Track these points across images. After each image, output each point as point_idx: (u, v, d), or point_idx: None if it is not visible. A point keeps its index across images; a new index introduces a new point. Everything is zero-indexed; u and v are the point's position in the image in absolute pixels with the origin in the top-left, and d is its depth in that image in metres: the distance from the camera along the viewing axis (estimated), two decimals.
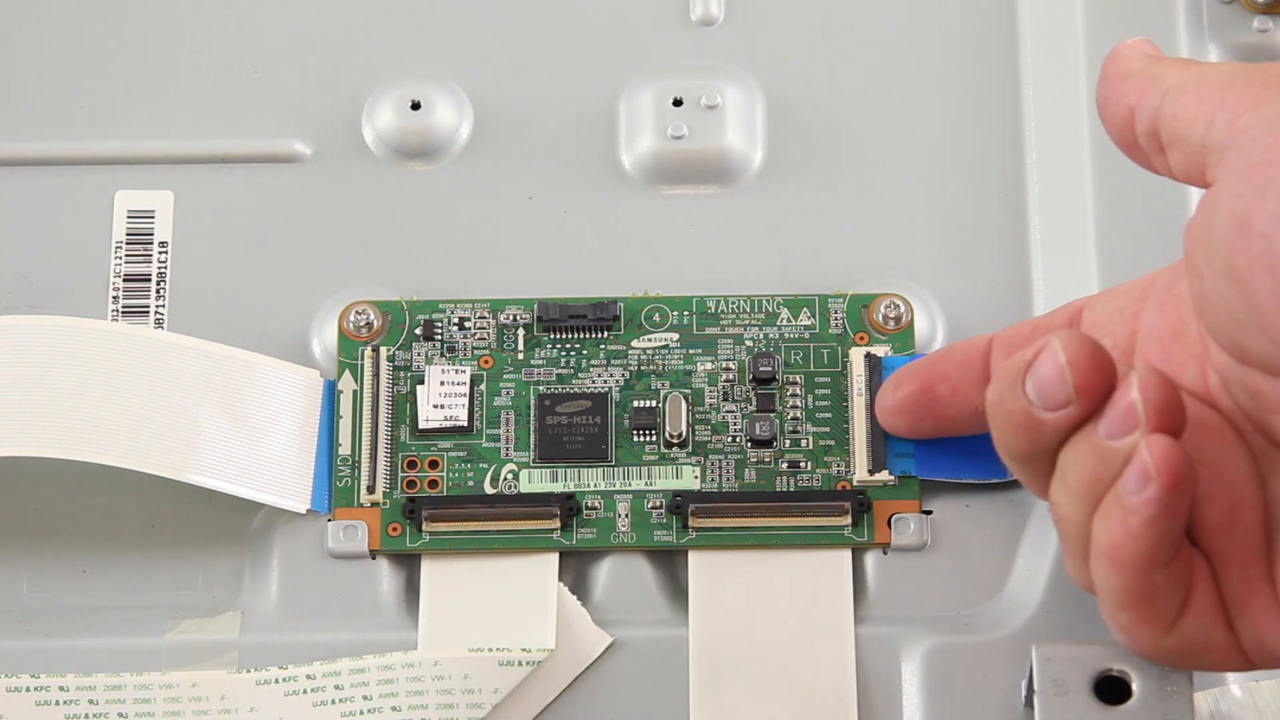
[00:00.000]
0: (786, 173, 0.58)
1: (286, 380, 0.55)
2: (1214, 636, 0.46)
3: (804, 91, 0.59)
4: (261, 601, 0.54)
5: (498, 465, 0.54)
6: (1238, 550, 0.46)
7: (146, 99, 0.59)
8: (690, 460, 0.54)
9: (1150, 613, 0.46)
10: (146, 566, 0.54)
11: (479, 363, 0.55)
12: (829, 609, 0.53)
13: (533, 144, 0.58)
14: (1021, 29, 0.59)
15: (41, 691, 0.52)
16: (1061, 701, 0.48)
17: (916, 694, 0.52)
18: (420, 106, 0.58)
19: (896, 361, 0.54)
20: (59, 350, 0.54)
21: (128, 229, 0.57)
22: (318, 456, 0.55)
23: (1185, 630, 0.46)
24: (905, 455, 0.53)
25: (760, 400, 0.55)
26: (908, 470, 0.53)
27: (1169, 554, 0.45)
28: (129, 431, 0.53)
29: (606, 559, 0.54)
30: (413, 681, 0.52)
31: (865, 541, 0.54)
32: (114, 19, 0.60)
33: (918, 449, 0.53)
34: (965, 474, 0.53)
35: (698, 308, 0.56)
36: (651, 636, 0.53)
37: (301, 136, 0.59)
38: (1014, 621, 0.53)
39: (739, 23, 0.60)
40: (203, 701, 0.52)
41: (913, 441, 0.53)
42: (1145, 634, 0.46)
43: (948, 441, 0.53)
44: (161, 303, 0.57)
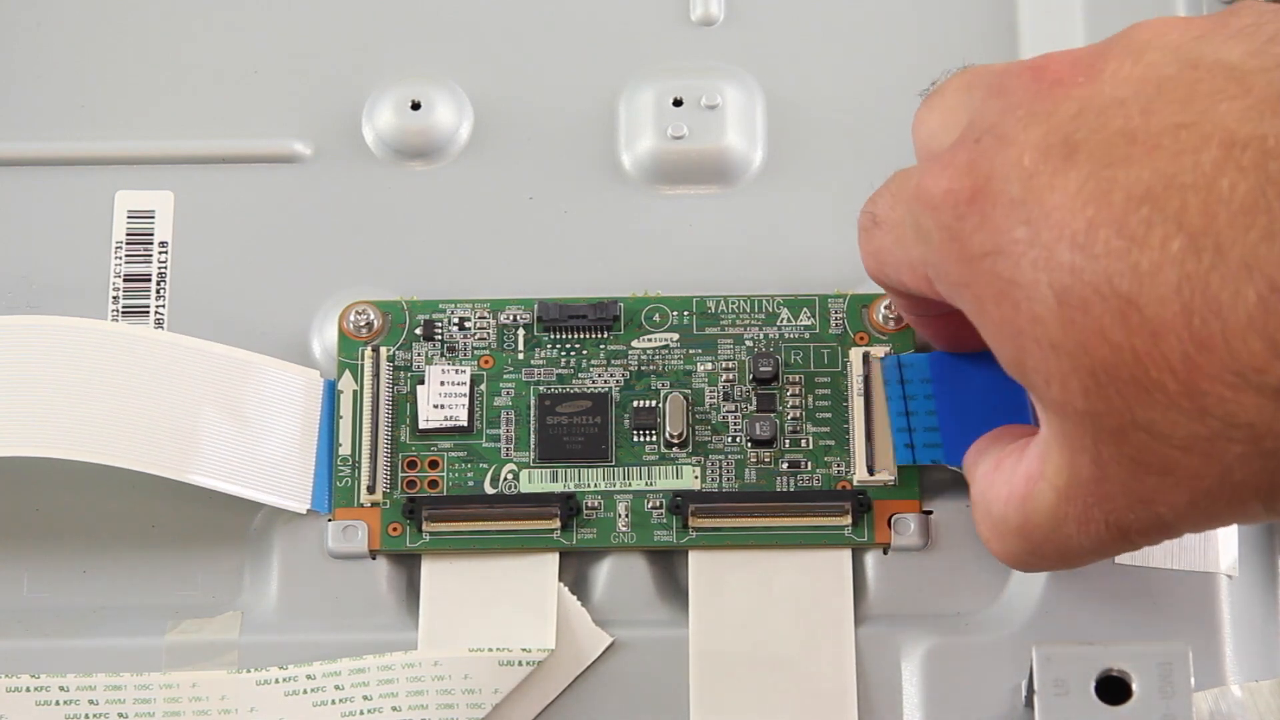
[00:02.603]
0: (786, 173, 0.58)
1: (286, 380, 0.55)
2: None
3: (804, 91, 0.59)
4: (261, 601, 0.54)
5: (498, 465, 0.54)
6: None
7: (146, 99, 0.59)
8: (690, 460, 0.54)
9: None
10: (146, 566, 0.54)
11: (479, 363, 0.55)
12: (829, 609, 0.53)
13: (533, 144, 0.58)
14: (1021, 29, 0.59)
15: (41, 691, 0.52)
16: (1061, 701, 0.48)
17: (916, 694, 0.52)
18: (420, 106, 0.58)
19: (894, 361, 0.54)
20: (59, 350, 0.54)
21: (128, 229, 0.57)
22: (318, 456, 0.55)
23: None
24: (933, 445, 0.53)
25: (760, 400, 0.55)
26: (937, 459, 0.53)
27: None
28: (129, 431, 0.53)
29: (606, 559, 0.54)
30: (413, 681, 0.52)
31: (865, 541, 0.54)
32: (114, 19, 0.60)
33: (945, 435, 0.53)
34: None
35: (698, 308, 0.56)
36: (651, 636, 0.53)
37: (301, 136, 0.59)
38: (1014, 621, 0.53)
39: (739, 23, 0.60)
40: (203, 701, 0.52)
41: (939, 430, 0.53)
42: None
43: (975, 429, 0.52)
44: (161, 303, 0.57)
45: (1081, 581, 0.53)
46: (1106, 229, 0.41)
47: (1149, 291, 0.40)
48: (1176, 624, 0.53)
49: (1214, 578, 0.53)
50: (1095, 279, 0.41)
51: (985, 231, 0.43)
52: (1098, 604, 0.53)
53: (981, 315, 0.44)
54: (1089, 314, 0.41)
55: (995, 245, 0.43)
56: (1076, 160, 0.42)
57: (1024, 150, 0.43)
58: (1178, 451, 0.42)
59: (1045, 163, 0.42)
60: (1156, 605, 0.53)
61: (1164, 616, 0.53)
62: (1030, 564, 0.47)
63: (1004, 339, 0.43)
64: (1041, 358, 0.42)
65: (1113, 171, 0.41)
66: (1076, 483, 0.44)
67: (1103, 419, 0.42)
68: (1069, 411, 0.43)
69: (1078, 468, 0.44)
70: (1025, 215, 0.42)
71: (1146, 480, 0.43)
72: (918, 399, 0.53)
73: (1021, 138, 0.43)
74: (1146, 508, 0.43)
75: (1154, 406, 0.41)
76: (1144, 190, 0.41)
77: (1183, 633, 0.52)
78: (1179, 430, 0.41)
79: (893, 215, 0.46)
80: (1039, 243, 0.42)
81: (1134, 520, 0.44)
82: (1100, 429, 0.42)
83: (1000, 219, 0.43)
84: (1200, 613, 0.53)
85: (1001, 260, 0.42)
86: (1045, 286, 0.42)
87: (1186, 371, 0.41)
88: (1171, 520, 0.44)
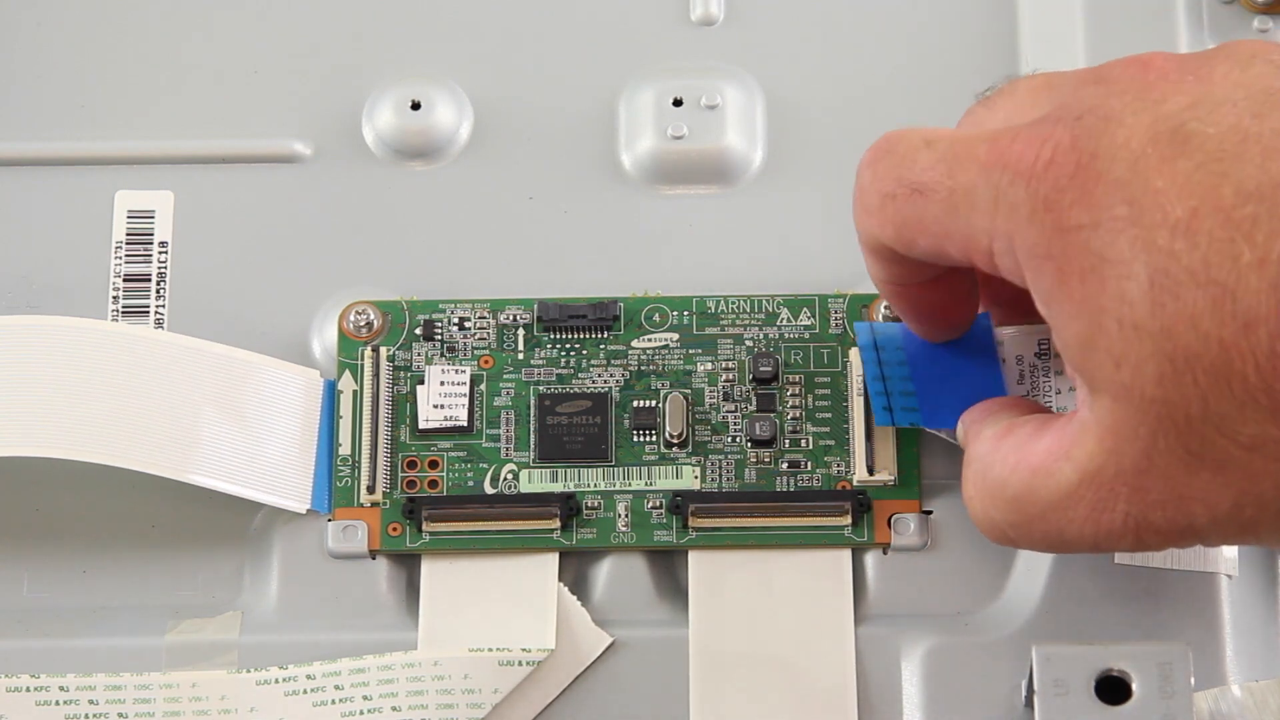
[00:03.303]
0: (786, 173, 0.58)
1: (286, 380, 0.55)
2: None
3: (804, 91, 0.59)
4: (261, 601, 0.54)
5: (498, 465, 0.54)
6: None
7: (146, 99, 0.59)
8: (690, 460, 0.54)
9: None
10: (146, 566, 0.54)
11: (479, 363, 0.55)
12: (829, 609, 0.53)
13: (533, 144, 0.58)
14: (1021, 29, 0.59)
15: (41, 691, 0.52)
16: (1061, 701, 0.48)
17: (916, 694, 0.52)
18: (420, 106, 0.58)
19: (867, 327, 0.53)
20: (59, 350, 0.54)
21: (128, 229, 0.57)
22: (318, 456, 0.55)
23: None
24: (910, 409, 0.53)
25: (760, 400, 0.55)
26: (915, 422, 0.53)
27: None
28: (129, 431, 0.53)
29: (606, 559, 0.54)
30: (413, 681, 0.52)
31: (865, 541, 0.54)
32: (114, 19, 0.60)
33: (921, 400, 0.53)
34: None
35: (698, 308, 0.56)
36: (651, 636, 0.53)
37: (301, 136, 0.59)
38: (1014, 621, 0.53)
39: (739, 23, 0.60)
40: (203, 701, 0.52)
41: (916, 394, 0.53)
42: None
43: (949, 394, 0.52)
44: (161, 303, 0.57)
45: (1081, 581, 0.53)
46: (1212, 219, 0.41)
47: (1247, 284, 0.41)
48: (1176, 624, 0.53)
49: (1214, 578, 0.53)
50: (1193, 265, 0.41)
51: (1084, 206, 0.43)
52: (1098, 604, 0.53)
53: (1060, 289, 0.43)
54: (1180, 299, 0.42)
55: (1093, 219, 0.43)
56: (1188, 150, 0.42)
57: (1133, 133, 0.43)
58: (1241, 450, 0.42)
59: (1154, 147, 0.42)
60: (1156, 605, 0.53)
61: (1164, 616, 0.53)
62: (1010, 536, 0.47)
63: (1079, 315, 0.43)
64: (1119, 338, 0.42)
65: (1224, 166, 0.42)
66: (1112, 470, 0.44)
67: (1172, 408, 0.42)
68: (1134, 396, 0.43)
69: (1121, 455, 0.44)
70: (1128, 195, 0.42)
71: (1198, 476, 0.43)
72: (891, 365, 0.53)
73: (1130, 120, 0.43)
74: (1182, 506, 0.43)
75: (1230, 400, 0.42)
76: (1254, 187, 0.41)
77: (1183, 633, 0.52)
78: (1249, 427, 0.42)
79: (949, 182, 0.45)
80: (1140, 223, 0.42)
81: (1159, 519, 0.44)
82: (1165, 418, 0.42)
83: (1102, 195, 0.43)
84: (1200, 613, 0.53)
85: (1097, 235, 0.43)
86: (1140, 266, 0.42)
87: (1270, 366, 0.41)
88: (1202, 525, 0.44)
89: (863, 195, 0.47)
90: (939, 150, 0.46)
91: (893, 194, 0.47)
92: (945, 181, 0.45)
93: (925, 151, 0.46)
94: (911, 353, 0.53)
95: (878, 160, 0.47)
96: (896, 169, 0.46)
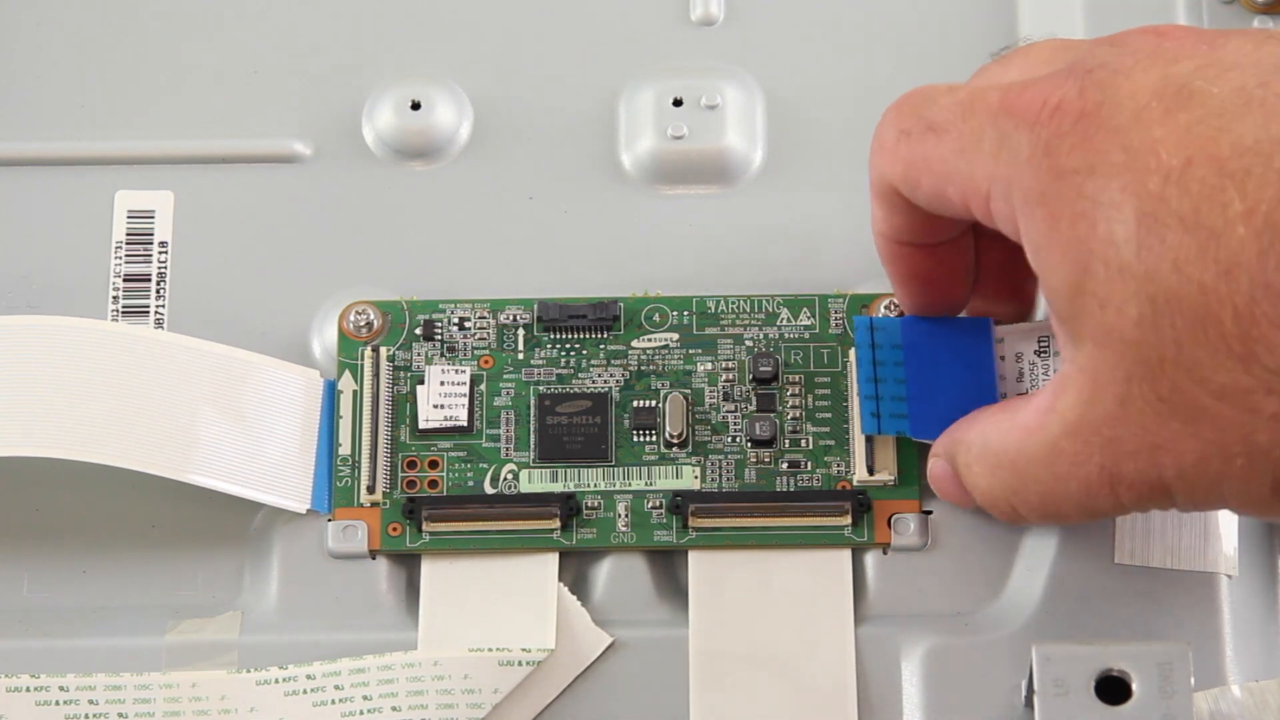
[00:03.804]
0: (786, 173, 0.58)
1: (286, 380, 0.55)
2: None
3: (804, 91, 0.59)
4: (261, 601, 0.54)
5: (498, 465, 0.54)
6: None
7: (146, 99, 0.59)
8: (690, 460, 0.54)
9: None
10: (146, 566, 0.54)
11: (479, 363, 0.55)
12: (829, 609, 0.53)
13: (533, 144, 0.58)
14: (1022, 29, 0.59)
15: (41, 691, 0.52)
16: (1061, 701, 0.48)
17: (916, 694, 0.52)
18: (420, 106, 0.58)
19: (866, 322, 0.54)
20: (59, 350, 0.54)
21: (128, 229, 0.57)
22: (318, 456, 0.55)
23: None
24: (899, 416, 0.53)
25: (760, 400, 0.55)
26: (902, 431, 0.53)
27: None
28: (129, 431, 0.53)
29: (606, 559, 0.54)
30: (413, 681, 0.52)
31: (865, 541, 0.54)
32: (114, 19, 0.60)
33: (911, 409, 0.53)
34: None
35: (698, 308, 0.56)
36: (651, 636, 0.53)
37: (301, 136, 0.59)
38: (1014, 621, 0.53)
39: (739, 23, 0.60)
40: (203, 701, 0.52)
41: (906, 401, 0.53)
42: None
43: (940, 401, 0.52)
44: (161, 303, 0.57)
45: (1081, 581, 0.53)
46: (1205, 168, 0.42)
47: (1233, 231, 0.42)
48: (1176, 624, 0.53)
49: (1214, 578, 0.53)
50: (1183, 210, 0.42)
51: (1082, 150, 0.44)
52: (1098, 604, 0.53)
53: (1051, 233, 0.44)
54: (1166, 242, 0.42)
55: (1089, 163, 0.43)
56: (1190, 105, 0.43)
57: (1139, 86, 0.44)
58: (1211, 398, 0.43)
59: (1158, 101, 0.43)
60: (1156, 605, 0.53)
61: (1164, 616, 0.53)
62: (1011, 505, 0.48)
63: (1069, 258, 0.44)
64: (1104, 280, 0.43)
65: (1224, 122, 0.42)
66: (1089, 419, 0.45)
67: (1148, 350, 0.43)
68: (1113, 339, 0.43)
69: (1096, 403, 0.44)
70: (1126, 142, 0.43)
71: (1168, 425, 0.43)
72: (887, 365, 0.53)
73: (1139, 75, 0.44)
74: (1152, 458, 0.44)
75: (1204, 345, 0.42)
76: (1252, 142, 0.42)
77: (1183, 633, 0.52)
78: (1220, 375, 0.42)
79: (962, 125, 0.46)
80: (1134, 168, 0.43)
81: (1131, 471, 0.45)
82: (1140, 361, 0.43)
83: (1101, 141, 0.44)
84: (1200, 613, 0.53)
85: (1091, 180, 0.43)
86: (1130, 210, 0.43)
87: (1248, 312, 0.42)
88: (1170, 479, 0.44)
89: (881, 134, 0.49)
90: (958, 95, 0.47)
91: (909, 130, 0.48)
92: (958, 123, 0.46)
93: (946, 95, 0.47)
94: (909, 353, 0.53)
95: (903, 101, 0.48)
96: (917, 107, 0.48)
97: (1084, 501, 0.46)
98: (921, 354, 0.53)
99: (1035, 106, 0.45)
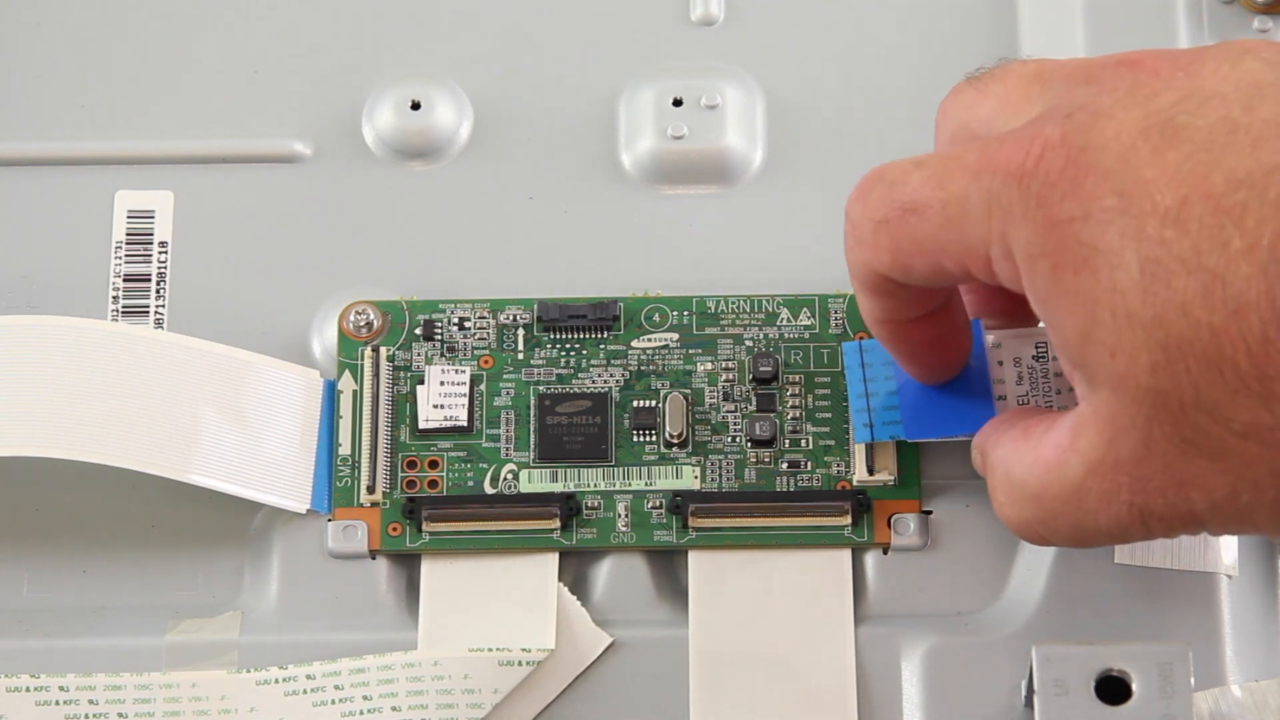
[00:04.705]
0: (786, 173, 0.58)
1: (286, 380, 0.55)
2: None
3: (804, 91, 0.59)
4: (261, 601, 0.54)
5: (498, 465, 0.54)
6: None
7: (146, 99, 0.59)
8: (690, 460, 0.54)
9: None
10: (146, 566, 0.54)
11: (479, 363, 0.55)
12: (829, 609, 0.53)
13: (533, 144, 0.58)
14: (1022, 29, 0.59)
15: (41, 691, 0.52)
16: (1061, 701, 0.48)
17: (916, 694, 0.52)
18: (420, 106, 0.58)
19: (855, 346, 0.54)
20: (59, 350, 0.54)
21: (128, 229, 0.57)
22: (318, 456, 0.55)
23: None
24: (893, 423, 0.53)
25: (760, 400, 0.55)
26: (897, 435, 0.53)
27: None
28: (129, 431, 0.53)
29: (606, 559, 0.54)
30: (413, 681, 0.52)
31: (865, 541, 0.54)
32: (114, 19, 0.60)
33: (904, 412, 0.53)
34: (955, 431, 0.53)
35: (698, 308, 0.56)
36: (651, 636, 0.53)
37: (301, 136, 0.59)
38: (1014, 621, 0.53)
39: (739, 23, 0.60)
40: (203, 701, 0.52)
41: (898, 406, 0.53)
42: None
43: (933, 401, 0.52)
44: (161, 303, 0.57)
45: (1081, 581, 0.53)
46: (1201, 206, 0.42)
47: (1237, 269, 0.41)
48: (1176, 624, 0.53)
49: (1214, 578, 0.53)
50: (1183, 252, 0.42)
51: (1075, 199, 0.43)
52: (1098, 604, 0.53)
53: (1055, 284, 0.44)
54: (1171, 286, 0.42)
55: (1084, 211, 0.43)
56: (1177, 141, 0.42)
57: (1123, 126, 0.43)
58: (1235, 437, 0.42)
59: (1144, 140, 0.43)
60: (1156, 605, 0.53)
61: (1164, 616, 0.53)
62: (1040, 534, 0.47)
63: (1074, 308, 0.43)
64: (1113, 328, 0.43)
65: (1213, 155, 0.42)
66: (1112, 461, 0.44)
67: (1166, 396, 0.42)
68: (1129, 387, 0.43)
69: (1119, 445, 0.44)
70: (1118, 186, 0.43)
71: (1194, 463, 0.43)
72: (877, 380, 0.53)
73: (1121, 115, 0.43)
74: (1181, 493, 0.44)
75: (1222, 387, 0.42)
76: (1244, 175, 0.41)
77: (1183, 633, 0.52)
78: (1242, 414, 0.42)
79: (942, 196, 0.45)
80: (1130, 213, 0.42)
81: (1161, 506, 0.44)
82: (1159, 407, 0.43)
83: (1092, 187, 0.43)
84: (1200, 613, 0.53)
85: (1088, 227, 0.43)
86: (1131, 255, 0.42)
87: (1263, 352, 0.41)
88: (1201, 511, 0.44)
89: (855, 228, 0.48)
90: (929, 168, 0.46)
91: (886, 219, 0.47)
92: (938, 194, 0.45)
93: (915, 172, 0.46)
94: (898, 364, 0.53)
95: (868, 191, 0.47)
96: (888, 194, 0.47)
97: (1115, 533, 0.46)
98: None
99: (1018, 158, 0.44)
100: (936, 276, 0.47)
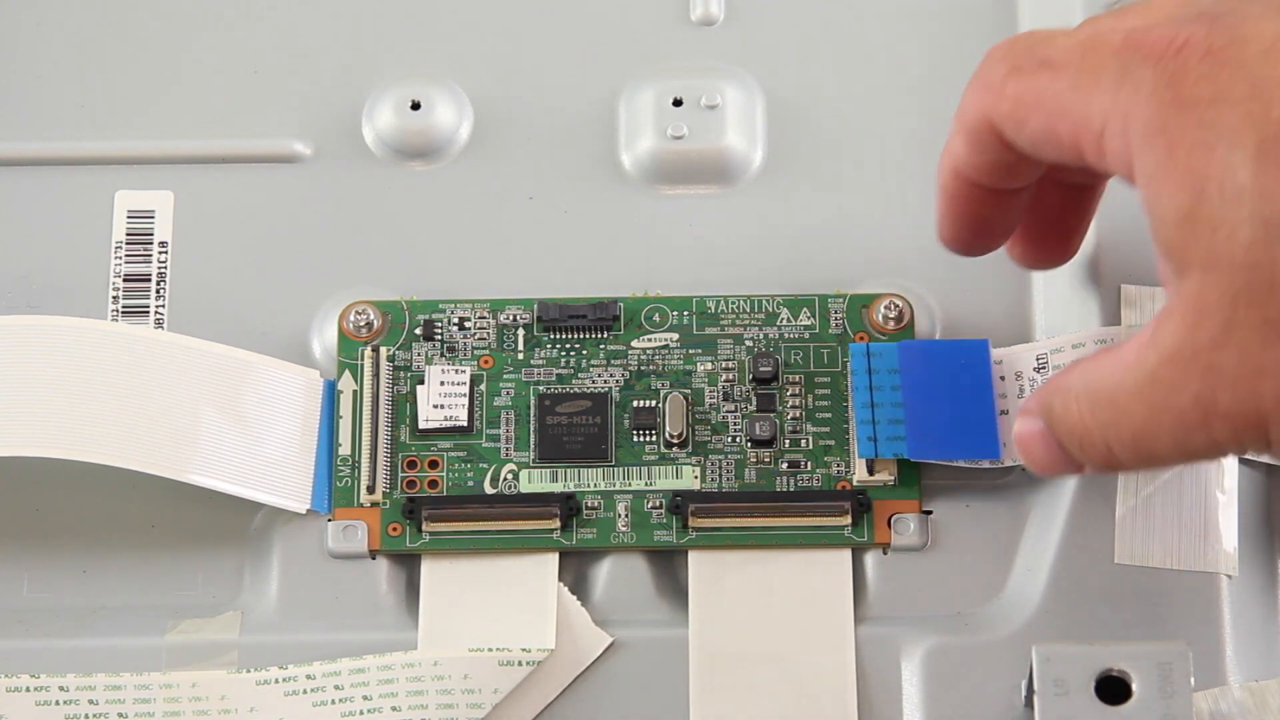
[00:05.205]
0: (786, 173, 0.58)
1: (286, 380, 0.55)
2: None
3: (804, 91, 0.59)
4: (261, 601, 0.54)
5: (498, 465, 0.54)
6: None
7: (146, 99, 0.59)
8: (690, 460, 0.54)
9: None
10: (146, 566, 0.54)
11: (479, 363, 0.55)
12: (829, 609, 0.53)
13: (533, 144, 0.58)
14: (1022, 29, 0.59)
15: (41, 691, 0.52)
16: (1061, 701, 0.48)
17: (916, 694, 0.52)
18: (420, 106, 0.58)
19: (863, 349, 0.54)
20: (59, 350, 0.54)
21: (128, 229, 0.57)
22: (318, 456, 0.55)
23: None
24: (897, 439, 0.53)
25: (760, 400, 0.55)
26: (900, 453, 0.53)
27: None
28: (129, 431, 0.53)
29: (606, 559, 0.54)
30: (413, 681, 0.52)
31: (865, 541, 0.54)
32: (114, 19, 0.60)
33: (909, 429, 0.53)
34: (957, 454, 0.53)
35: (698, 308, 0.56)
36: (651, 636, 0.53)
37: (301, 136, 0.59)
38: (1014, 621, 0.53)
39: (739, 23, 0.60)
40: (203, 701, 0.52)
41: (903, 423, 0.53)
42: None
43: (938, 421, 0.53)
44: (161, 303, 0.57)
45: (1081, 581, 0.53)
46: None
47: None
48: (1176, 624, 0.53)
49: (1214, 578, 0.53)
50: None
51: (1208, 82, 0.45)
52: (1098, 604, 0.53)
53: (1168, 161, 0.45)
54: None
55: (1214, 94, 0.44)
56: None
57: (1266, 30, 0.45)
58: None
59: None
60: (1156, 605, 0.53)
61: (1164, 616, 0.53)
62: (1106, 444, 0.47)
63: (1183, 184, 0.44)
64: (1220, 203, 0.44)
65: None
66: (1190, 349, 0.45)
67: (1259, 271, 0.43)
68: (1222, 264, 0.44)
69: (1199, 331, 0.44)
70: (1252, 77, 0.44)
71: (1273, 348, 0.44)
72: (884, 389, 0.53)
73: (1266, 23, 0.45)
74: (1251, 385, 0.44)
75: None
76: None
77: (1183, 633, 0.52)
78: None
79: (1080, 62, 0.47)
80: (1259, 98, 0.44)
81: (1227, 401, 0.44)
82: (1249, 284, 0.44)
83: (1227, 76, 0.44)
84: (1200, 613, 0.53)
85: (1213, 109, 0.44)
86: (1249, 137, 0.44)
87: None
88: (1269, 409, 0.44)
89: (986, 71, 0.49)
90: (1077, 35, 0.47)
91: (1020, 66, 0.48)
92: (1076, 60, 0.47)
93: (1063, 36, 0.48)
94: (905, 375, 0.53)
95: (1015, 40, 0.49)
96: (1032, 45, 0.48)
97: (1178, 436, 0.46)
98: (918, 376, 0.53)
99: (1163, 43, 0.45)
100: (1045, 140, 0.47)
